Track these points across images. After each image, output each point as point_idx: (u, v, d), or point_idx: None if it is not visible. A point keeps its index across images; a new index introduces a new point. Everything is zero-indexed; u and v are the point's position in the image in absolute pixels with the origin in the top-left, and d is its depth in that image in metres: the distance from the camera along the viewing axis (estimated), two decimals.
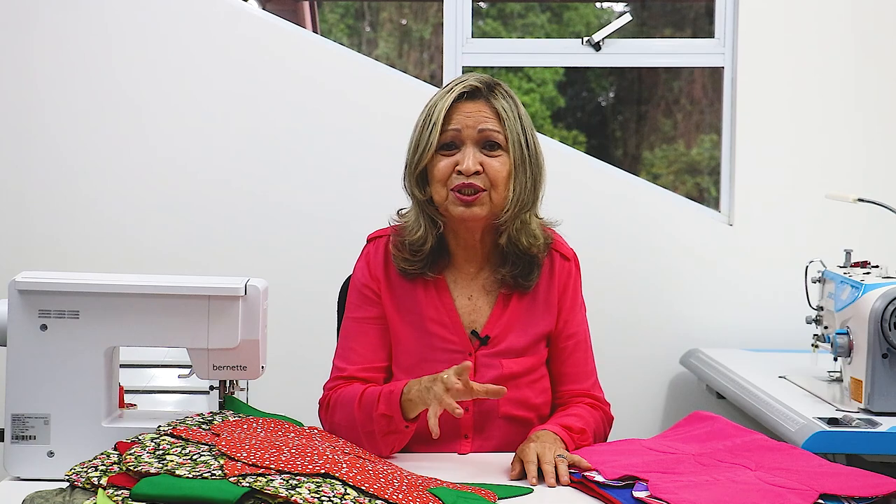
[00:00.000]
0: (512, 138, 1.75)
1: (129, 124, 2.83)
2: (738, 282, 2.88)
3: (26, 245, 2.81)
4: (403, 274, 1.82)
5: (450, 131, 1.75)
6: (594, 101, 9.32)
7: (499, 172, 1.74)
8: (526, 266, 1.81)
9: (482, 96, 1.76)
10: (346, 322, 1.85)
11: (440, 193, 1.76)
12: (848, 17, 2.86)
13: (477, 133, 1.74)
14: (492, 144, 1.75)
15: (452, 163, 1.74)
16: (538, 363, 1.82)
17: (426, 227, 1.79)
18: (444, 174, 1.74)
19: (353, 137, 2.84)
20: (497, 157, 1.75)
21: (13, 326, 1.53)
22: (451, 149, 1.75)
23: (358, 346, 1.81)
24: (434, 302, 1.81)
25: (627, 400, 2.78)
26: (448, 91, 1.77)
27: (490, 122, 1.75)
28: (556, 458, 1.54)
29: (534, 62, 3.21)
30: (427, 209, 1.79)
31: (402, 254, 1.81)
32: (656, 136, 8.71)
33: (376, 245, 1.86)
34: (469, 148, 1.74)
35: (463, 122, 1.74)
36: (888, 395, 1.96)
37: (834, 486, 1.41)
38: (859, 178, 2.84)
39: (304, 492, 1.29)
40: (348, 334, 1.84)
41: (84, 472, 1.34)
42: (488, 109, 1.76)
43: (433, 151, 1.75)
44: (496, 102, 1.76)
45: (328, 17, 8.59)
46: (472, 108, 1.76)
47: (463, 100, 1.76)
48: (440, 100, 1.76)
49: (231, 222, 2.83)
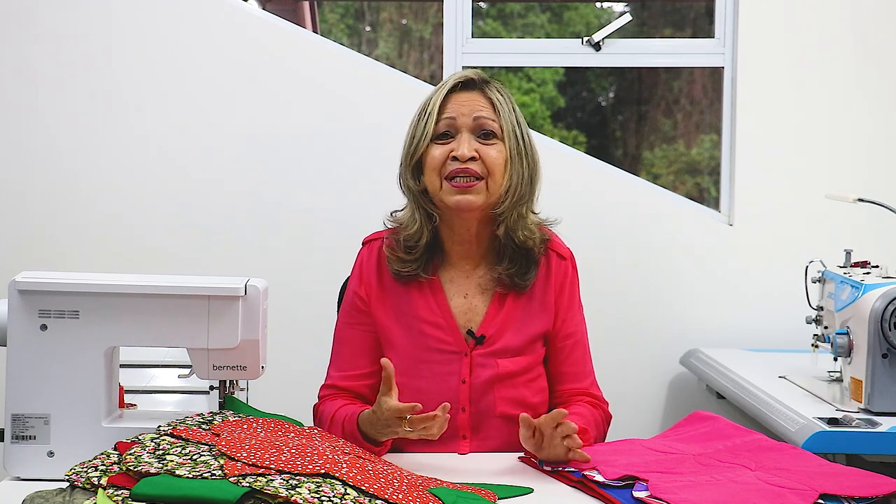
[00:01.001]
0: (507, 128, 1.77)
1: (130, 124, 2.83)
2: (738, 282, 2.88)
3: (26, 245, 2.81)
4: (398, 277, 1.82)
5: (445, 120, 1.76)
6: (594, 101, 9.32)
7: (495, 160, 1.75)
8: (523, 264, 1.81)
9: (477, 87, 1.79)
10: (336, 328, 1.89)
11: (434, 182, 1.76)
12: (848, 17, 2.86)
13: (472, 121, 1.75)
14: (487, 133, 1.76)
15: (447, 150, 1.75)
16: (534, 362, 1.82)
17: (421, 221, 1.79)
18: (439, 161, 1.75)
19: (353, 137, 2.84)
20: (493, 146, 1.76)
21: (13, 326, 1.53)
22: (447, 138, 1.76)
23: (343, 352, 1.86)
24: (428, 303, 1.81)
25: (627, 400, 2.78)
26: (443, 84, 1.79)
27: (485, 111, 1.76)
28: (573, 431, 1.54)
29: (534, 62, 3.21)
30: (421, 201, 1.80)
31: (397, 253, 1.81)
32: (656, 136, 8.70)
33: (370, 248, 1.87)
34: (465, 135, 1.75)
35: (458, 110, 1.76)
36: (888, 395, 1.96)
37: (834, 486, 1.41)
38: (859, 178, 2.84)
39: (304, 492, 1.29)
40: (336, 340, 1.89)
41: (84, 472, 1.34)
42: (483, 99, 1.78)
43: (429, 140, 1.76)
44: (491, 93, 1.78)
45: (328, 17, 8.59)
46: (467, 97, 1.77)
47: (458, 90, 1.78)
48: (435, 93, 1.79)
49: (231, 222, 2.83)
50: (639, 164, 8.53)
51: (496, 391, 1.78)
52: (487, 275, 1.83)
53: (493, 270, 1.82)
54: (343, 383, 1.84)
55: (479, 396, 1.78)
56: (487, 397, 1.78)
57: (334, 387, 1.85)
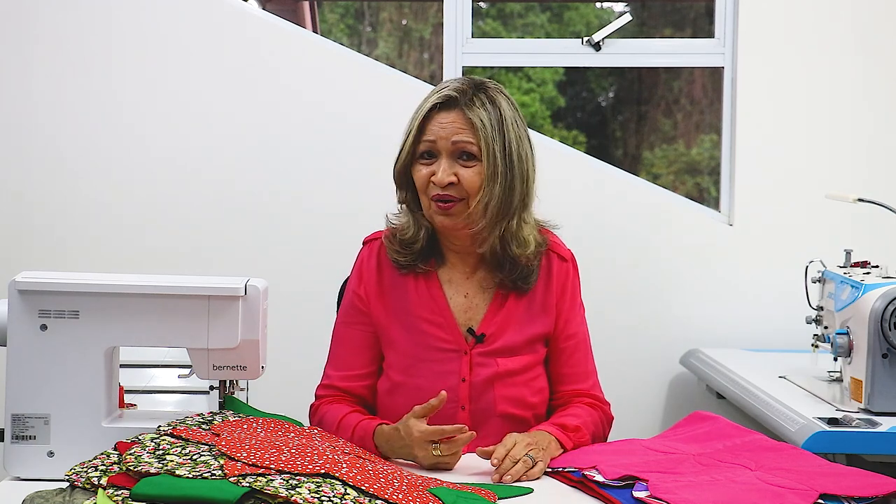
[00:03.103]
0: (486, 148, 1.74)
1: (129, 124, 2.83)
2: (738, 282, 2.88)
3: (26, 245, 2.80)
4: (397, 266, 1.83)
5: (425, 143, 1.76)
6: (594, 101, 9.32)
7: (473, 183, 1.75)
8: (522, 271, 1.81)
9: (458, 106, 1.75)
10: (335, 327, 1.90)
11: (423, 201, 1.79)
12: (848, 17, 2.86)
13: (451, 144, 1.75)
14: (467, 155, 1.75)
15: (429, 173, 1.76)
16: (534, 362, 1.83)
17: (417, 227, 1.81)
18: (424, 184, 1.77)
19: (353, 137, 2.84)
20: (472, 168, 1.75)
21: (13, 326, 1.53)
22: (431, 157, 1.77)
23: (342, 352, 1.86)
24: (427, 301, 1.81)
25: (627, 400, 2.77)
26: (426, 100, 1.78)
27: (464, 134, 1.74)
28: (522, 458, 1.55)
29: (534, 62, 3.21)
30: (415, 209, 1.82)
31: (394, 246, 1.83)
32: (656, 136, 8.70)
33: (370, 248, 1.88)
34: (444, 160, 1.75)
35: (437, 133, 1.75)
36: (888, 395, 1.96)
37: (834, 486, 1.41)
38: (859, 178, 2.84)
39: (304, 492, 1.29)
40: (335, 340, 1.89)
41: (84, 472, 1.34)
42: (462, 120, 1.75)
43: (410, 159, 1.78)
44: (471, 113, 1.74)
45: (328, 17, 8.59)
46: (447, 119, 1.76)
47: (438, 110, 1.76)
48: (418, 108, 1.78)
49: (231, 222, 2.83)
50: (639, 164, 8.53)
51: (496, 390, 1.78)
52: (488, 276, 1.84)
53: (493, 274, 1.83)
54: (341, 384, 1.84)
55: (478, 395, 1.78)
56: (487, 396, 1.78)
57: (332, 387, 1.85)
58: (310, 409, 1.86)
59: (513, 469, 1.53)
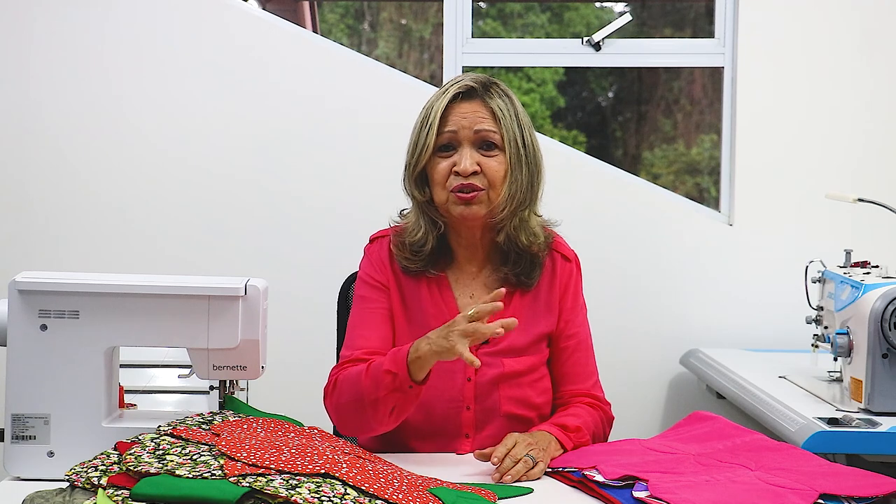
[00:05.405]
0: (508, 137, 1.76)
1: (129, 124, 2.83)
2: (738, 282, 2.88)
3: (26, 245, 2.81)
4: (406, 272, 1.82)
5: (446, 133, 1.75)
6: (594, 101, 9.32)
7: (496, 172, 1.75)
8: (527, 265, 1.81)
9: (478, 96, 1.77)
10: (355, 311, 1.84)
11: (440, 196, 1.77)
12: (848, 17, 2.86)
13: (473, 133, 1.75)
14: (489, 144, 1.75)
15: (450, 164, 1.75)
16: (539, 363, 1.83)
17: (426, 228, 1.80)
18: (443, 176, 1.76)
19: (353, 137, 2.84)
20: (494, 157, 1.75)
21: (13, 326, 1.53)
22: (449, 150, 1.76)
23: (366, 331, 1.80)
24: (436, 300, 1.81)
25: (627, 400, 2.78)
26: (444, 92, 1.78)
27: (486, 122, 1.75)
28: (522, 458, 1.55)
29: (534, 62, 3.21)
30: (427, 210, 1.80)
31: (404, 253, 1.82)
32: (656, 136, 8.70)
33: (379, 244, 1.87)
34: (466, 149, 1.75)
35: (459, 123, 1.75)
36: (888, 395, 1.96)
37: (834, 486, 1.41)
38: (859, 178, 2.84)
39: (304, 492, 1.29)
40: (356, 323, 1.82)
41: (84, 472, 1.34)
42: (484, 109, 1.76)
43: (430, 153, 1.76)
44: (492, 102, 1.76)
45: (328, 17, 8.58)
46: (468, 108, 1.76)
47: (459, 100, 1.77)
48: (436, 101, 1.77)
49: (231, 222, 2.83)
50: (639, 164, 8.53)
51: (501, 390, 1.78)
52: (493, 275, 1.84)
53: (498, 271, 1.83)
54: (360, 355, 1.77)
55: (484, 395, 1.78)
56: (493, 396, 1.78)
57: (349, 360, 1.77)
58: (325, 390, 1.77)
59: (513, 469, 1.53)
